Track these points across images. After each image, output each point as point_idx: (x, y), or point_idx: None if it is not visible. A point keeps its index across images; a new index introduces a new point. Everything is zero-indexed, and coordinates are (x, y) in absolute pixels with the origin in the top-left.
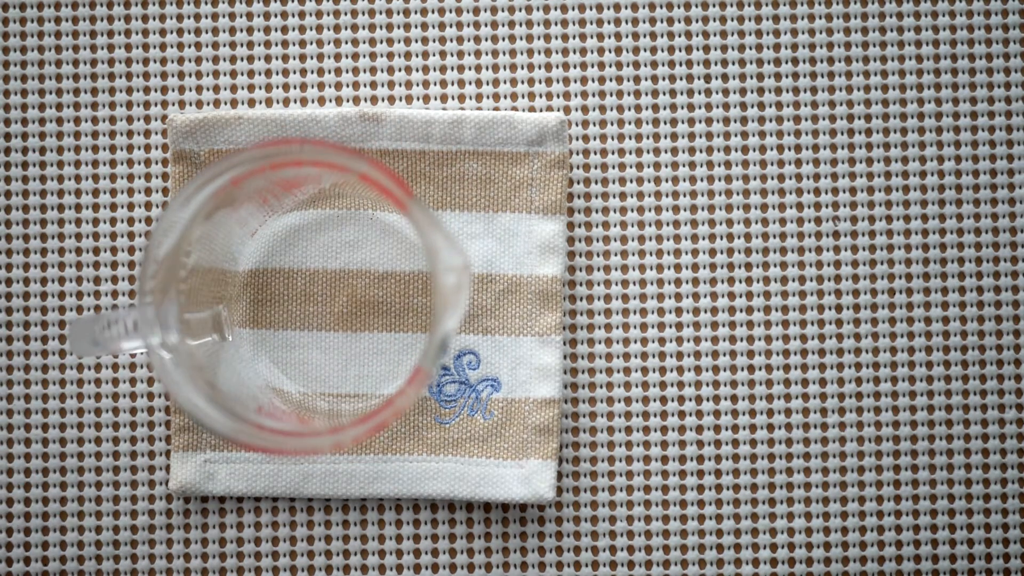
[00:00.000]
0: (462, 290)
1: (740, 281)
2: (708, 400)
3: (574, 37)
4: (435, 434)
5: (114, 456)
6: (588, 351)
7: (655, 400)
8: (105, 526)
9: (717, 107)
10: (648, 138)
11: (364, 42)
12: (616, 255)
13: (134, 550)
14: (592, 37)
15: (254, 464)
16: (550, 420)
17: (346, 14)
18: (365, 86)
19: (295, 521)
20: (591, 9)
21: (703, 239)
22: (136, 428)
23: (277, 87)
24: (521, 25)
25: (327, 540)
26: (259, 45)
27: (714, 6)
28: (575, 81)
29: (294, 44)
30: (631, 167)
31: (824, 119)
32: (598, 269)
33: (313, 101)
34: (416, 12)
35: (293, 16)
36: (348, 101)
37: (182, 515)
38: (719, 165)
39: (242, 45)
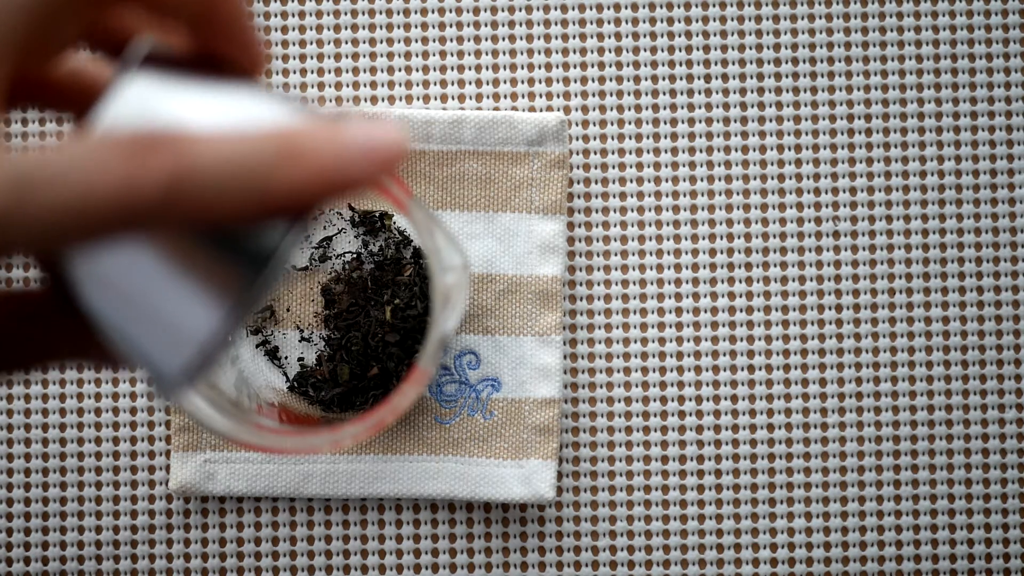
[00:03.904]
0: (461, 290)
1: (740, 281)
2: (708, 400)
3: (574, 37)
4: (435, 434)
5: (114, 456)
6: (588, 351)
7: (655, 400)
8: (105, 526)
9: (717, 107)
10: (648, 138)
11: (364, 42)
12: (616, 255)
13: (134, 550)
14: (592, 37)
15: (254, 464)
16: (550, 420)
17: (346, 14)
18: (365, 86)
19: (295, 521)
20: (591, 9)
21: (703, 239)
22: (136, 428)
23: (277, 87)
24: (521, 25)
25: (327, 540)
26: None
27: (714, 6)
28: (575, 81)
29: (294, 44)
30: (631, 167)
31: (824, 119)
32: (598, 269)
33: (313, 101)
34: (416, 12)
35: (293, 16)
36: (348, 101)
37: (182, 515)
38: (719, 165)
39: None
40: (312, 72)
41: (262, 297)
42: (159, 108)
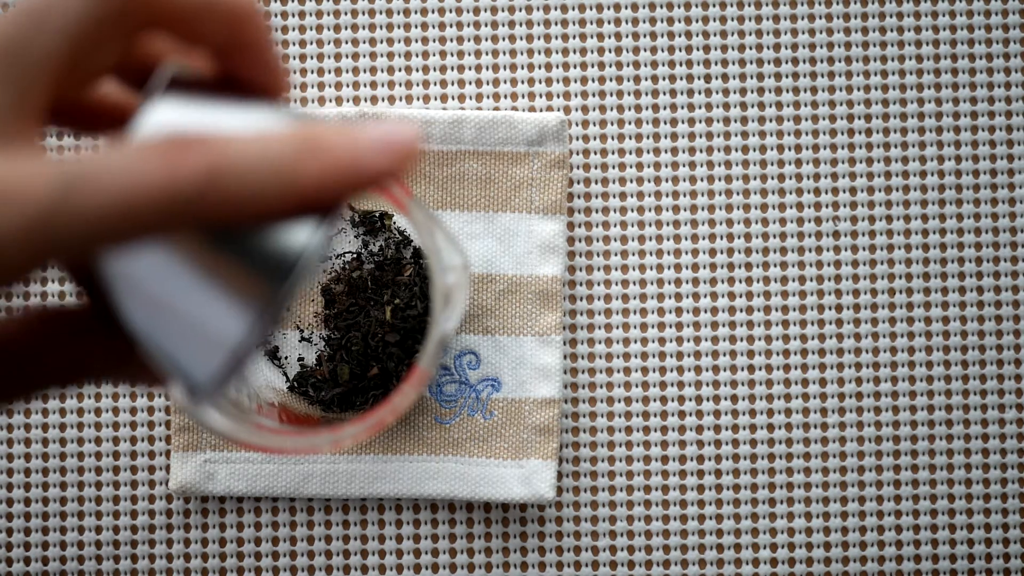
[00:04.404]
0: (461, 290)
1: (740, 281)
2: (708, 400)
3: (574, 37)
4: (435, 434)
5: (114, 456)
6: (588, 351)
7: (655, 400)
8: (105, 526)
9: (717, 107)
10: (648, 138)
11: (364, 42)
12: (616, 255)
13: (134, 550)
14: (592, 37)
15: (254, 464)
16: (550, 420)
17: (346, 14)
18: (365, 86)
19: (295, 521)
20: (591, 9)
21: (703, 239)
22: (136, 428)
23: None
24: (521, 25)
25: (327, 540)
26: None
27: (714, 6)
28: (575, 81)
29: (294, 44)
30: (631, 167)
31: (824, 119)
32: (598, 269)
33: (313, 101)
34: (416, 12)
35: (293, 16)
36: (348, 101)
37: (182, 515)
38: (719, 165)
39: None
40: (312, 72)
41: (288, 302)
42: (189, 122)
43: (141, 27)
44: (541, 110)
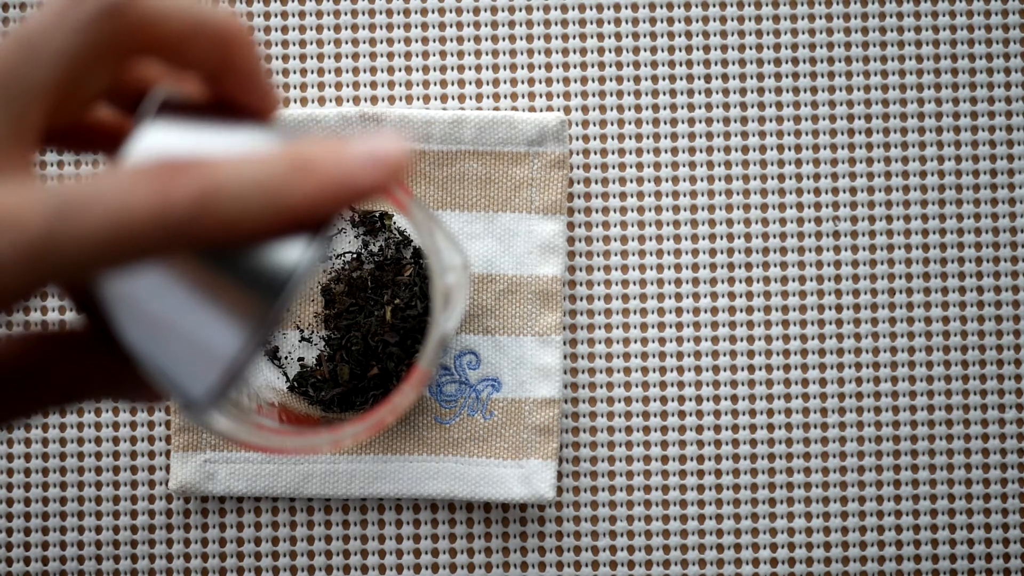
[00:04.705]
0: (461, 290)
1: (740, 281)
2: (708, 400)
3: (574, 37)
4: (435, 434)
5: (114, 456)
6: (588, 351)
7: (655, 400)
8: (105, 526)
9: (717, 107)
10: (648, 138)
11: (364, 42)
12: (616, 255)
13: (134, 550)
14: (592, 37)
15: (254, 464)
16: (550, 420)
17: (346, 14)
18: (365, 86)
19: (295, 521)
20: (591, 9)
21: (703, 239)
22: (136, 428)
23: (277, 87)
24: (521, 25)
25: (327, 540)
26: (259, 45)
27: (714, 6)
28: (575, 81)
29: (294, 44)
30: (631, 167)
31: (824, 119)
32: (598, 269)
33: (313, 101)
34: (416, 12)
35: (293, 16)
36: (348, 101)
37: (182, 515)
38: (719, 165)
39: None
40: (312, 72)
41: (281, 317)
42: (180, 145)
43: (131, 53)
44: (541, 110)
